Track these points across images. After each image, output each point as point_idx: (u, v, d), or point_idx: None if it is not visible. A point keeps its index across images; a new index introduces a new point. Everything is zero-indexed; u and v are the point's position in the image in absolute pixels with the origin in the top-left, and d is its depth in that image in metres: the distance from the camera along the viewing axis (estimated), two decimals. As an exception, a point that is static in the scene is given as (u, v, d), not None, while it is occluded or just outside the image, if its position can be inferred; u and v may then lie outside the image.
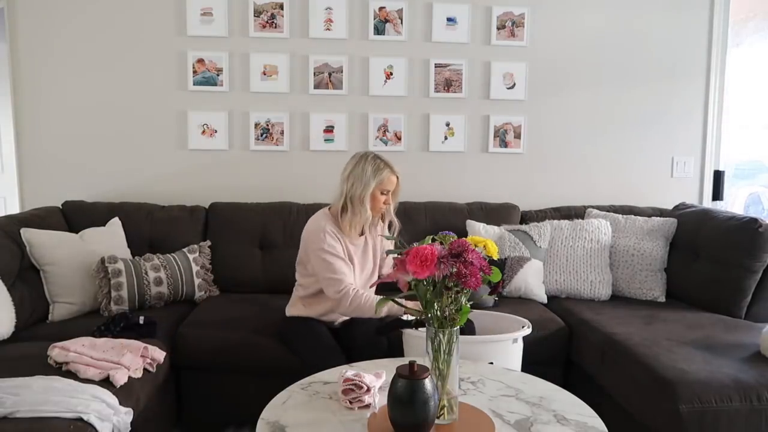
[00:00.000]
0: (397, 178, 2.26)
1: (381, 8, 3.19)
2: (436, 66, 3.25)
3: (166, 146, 3.20)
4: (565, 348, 2.53)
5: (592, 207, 3.18)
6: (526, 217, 3.15)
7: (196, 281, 2.74)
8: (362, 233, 2.32)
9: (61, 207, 2.96)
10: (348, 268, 2.19)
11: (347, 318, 2.33)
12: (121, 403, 1.75)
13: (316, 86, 3.21)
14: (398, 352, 2.17)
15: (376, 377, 1.64)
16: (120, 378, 1.84)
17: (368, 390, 1.57)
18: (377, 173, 2.20)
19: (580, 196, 3.36)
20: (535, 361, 2.21)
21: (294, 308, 2.35)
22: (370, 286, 2.30)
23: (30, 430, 1.52)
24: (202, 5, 3.11)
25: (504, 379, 1.76)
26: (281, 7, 3.14)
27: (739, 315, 2.53)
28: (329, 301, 2.20)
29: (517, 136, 3.34)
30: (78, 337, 2.01)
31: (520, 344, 2.09)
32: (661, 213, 3.11)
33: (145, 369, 2.01)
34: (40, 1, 3.06)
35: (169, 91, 3.17)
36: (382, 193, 2.23)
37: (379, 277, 2.36)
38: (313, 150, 3.24)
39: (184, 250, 2.80)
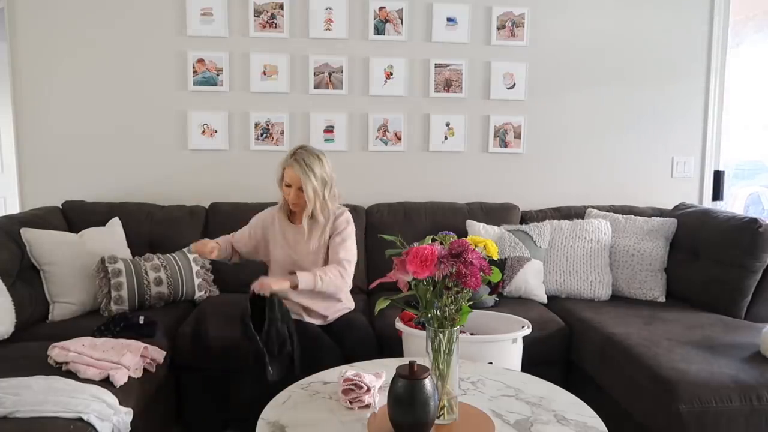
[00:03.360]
0: (301, 176, 2.19)
1: (381, 8, 3.19)
2: (436, 66, 3.25)
3: (166, 146, 3.20)
4: (565, 348, 2.53)
5: (592, 207, 3.18)
6: (526, 217, 3.15)
7: (196, 281, 2.74)
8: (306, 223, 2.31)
9: (61, 207, 2.96)
10: (241, 234, 2.44)
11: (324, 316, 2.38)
12: (121, 403, 1.75)
13: (316, 86, 3.21)
14: (398, 352, 2.17)
15: (376, 377, 1.64)
16: (120, 378, 1.84)
17: (368, 390, 1.57)
18: (281, 162, 2.28)
19: (580, 196, 3.37)
20: (535, 361, 2.21)
21: None
22: (371, 287, 2.30)
23: (30, 430, 1.52)
24: (202, 5, 3.11)
25: (504, 379, 1.76)
26: (281, 7, 3.15)
27: (739, 315, 2.53)
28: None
29: (517, 136, 3.34)
30: (78, 337, 2.01)
31: (519, 344, 2.09)
32: (661, 213, 3.12)
33: (145, 369, 2.01)
34: (40, 1, 3.06)
35: (169, 91, 3.17)
36: (286, 186, 2.27)
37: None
38: (313, 150, 3.24)
39: (184, 250, 2.80)
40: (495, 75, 3.29)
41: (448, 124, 3.30)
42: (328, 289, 2.23)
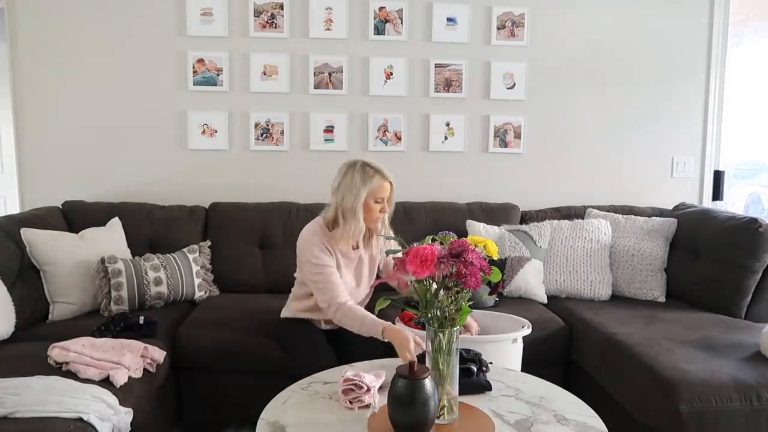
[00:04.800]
0: (391, 184, 2.14)
1: (381, 8, 3.19)
2: (436, 66, 3.25)
3: (166, 146, 3.20)
4: (565, 348, 2.53)
5: (592, 207, 3.18)
6: (526, 217, 3.15)
7: (196, 281, 2.74)
8: (357, 247, 2.21)
9: (61, 207, 2.96)
10: (338, 278, 2.11)
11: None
12: (121, 403, 1.75)
13: (316, 86, 3.21)
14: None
15: (376, 377, 1.64)
16: (120, 378, 1.84)
17: (368, 390, 1.57)
18: (367, 181, 2.09)
19: (580, 196, 3.36)
20: (535, 361, 2.21)
21: (287, 310, 2.34)
22: (371, 287, 2.30)
23: (30, 430, 1.52)
24: (202, 5, 3.11)
25: (504, 379, 1.76)
26: (281, 7, 3.14)
27: (739, 315, 2.53)
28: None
29: (517, 136, 3.34)
30: (78, 337, 2.01)
31: (520, 344, 2.09)
32: (661, 213, 3.11)
33: (145, 369, 2.01)
34: (40, 1, 3.06)
35: (169, 91, 3.17)
36: (376, 202, 2.12)
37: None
38: (313, 150, 3.24)
39: (184, 250, 2.80)
40: (495, 75, 3.29)
41: (448, 124, 3.30)
42: None
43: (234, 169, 3.24)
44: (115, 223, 2.85)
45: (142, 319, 2.30)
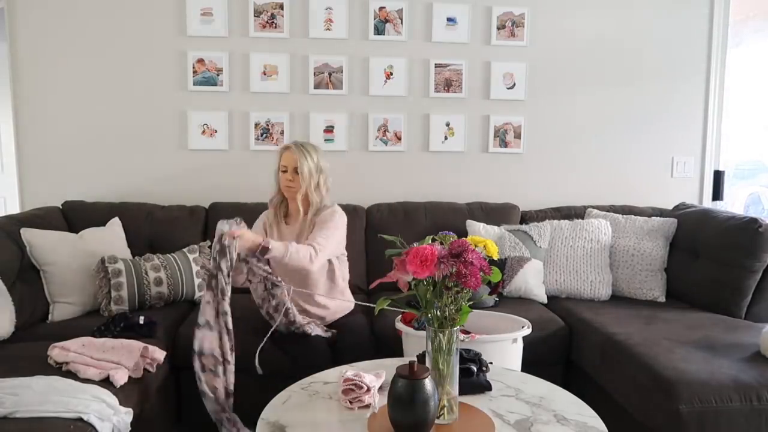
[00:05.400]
0: (294, 153, 2.31)
1: (381, 8, 3.19)
2: (436, 66, 3.25)
3: (166, 146, 3.20)
4: (565, 348, 2.53)
5: (592, 207, 3.18)
6: (526, 217, 3.15)
7: (196, 281, 2.74)
8: (288, 223, 2.44)
9: (61, 207, 2.96)
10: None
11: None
12: (121, 403, 1.75)
13: (316, 86, 3.21)
14: (398, 352, 2.17)
15: (376, 377, 1.64)
16: (120, 378, 1.84)
17: (368, 390, 1.57)
18: (279, 151, 2.40)
19: (580, 196, 3.36)
20: (535, 361, 2.21)
21: None
22: (371, 287, 2.31)
23: (30, 430, 1.52)
24: (202, 5, 3.11)
25: (504, 379, 1.76)
26: (281, 7, 3.15)
27: (739, 315, 2.53)
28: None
29: (517, 136, 3.34)
30: (78, 337, 2.01)
31: (520, 344, 2.09)
32: (661, 213, 3.12)
33: (145, 369, 2.01)
34: (40, 1, 3.05)
35: (169, 91, 3.17)
36: (282, 171, 2.36)
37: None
38: (313, 150, 3.24)
39: (184, 250, 2.80)
40: (495, 75, 3.29)
41: (448, 124, 3.30)
42: (292, 263, 2.14)
43: (234, 169, 3.24)
44: (115, 223, 2.85)
45: (142, 319, 2.30)
